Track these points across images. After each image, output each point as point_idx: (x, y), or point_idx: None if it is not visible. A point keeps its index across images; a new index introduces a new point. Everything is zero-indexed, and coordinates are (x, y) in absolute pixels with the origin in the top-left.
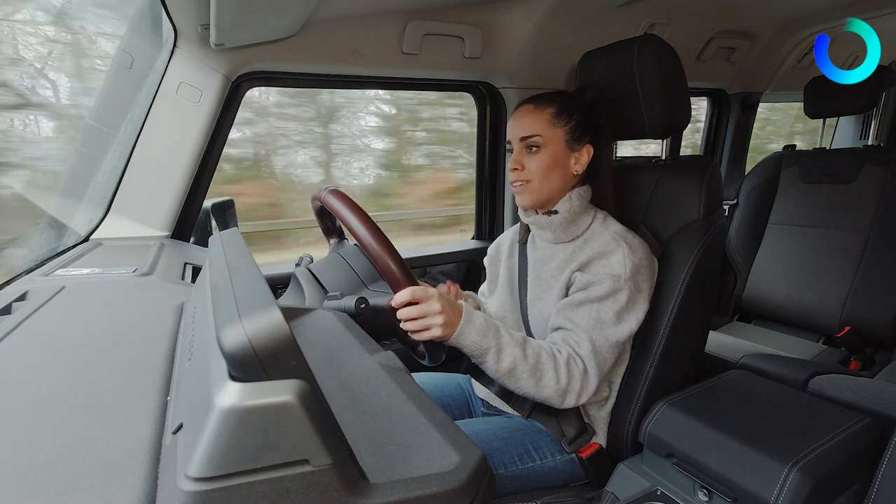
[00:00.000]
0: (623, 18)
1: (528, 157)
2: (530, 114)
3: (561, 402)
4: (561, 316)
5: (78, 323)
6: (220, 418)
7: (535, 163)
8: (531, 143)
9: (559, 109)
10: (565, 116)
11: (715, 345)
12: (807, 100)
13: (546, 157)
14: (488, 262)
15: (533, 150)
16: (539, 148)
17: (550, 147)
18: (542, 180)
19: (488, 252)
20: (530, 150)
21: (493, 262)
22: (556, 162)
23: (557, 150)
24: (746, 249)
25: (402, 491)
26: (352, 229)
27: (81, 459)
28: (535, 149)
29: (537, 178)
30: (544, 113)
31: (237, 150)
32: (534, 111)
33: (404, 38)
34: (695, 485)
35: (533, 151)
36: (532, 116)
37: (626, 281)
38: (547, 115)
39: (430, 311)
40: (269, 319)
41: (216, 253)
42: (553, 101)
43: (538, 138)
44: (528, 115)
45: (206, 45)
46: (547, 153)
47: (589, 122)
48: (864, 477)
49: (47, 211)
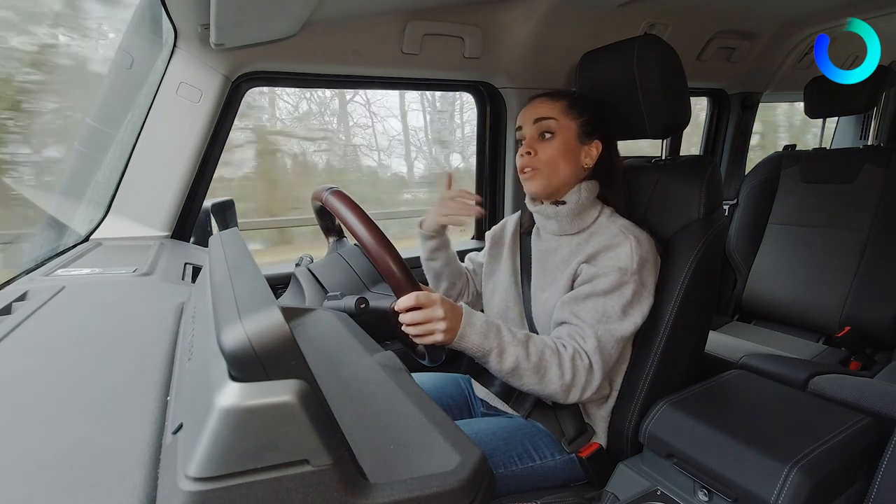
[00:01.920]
0: (623, 18)
1: (541, 143)
2: (545, 102)
3: (566, 397)
4: (566, 310)
5: (78, 323)
6: (220, 418)
7: (548, 150)
8: (545, 129)
9: (571, 103)
10: (578, 110)
11: (715, 345)
12: (807, 100)
13: (558, 146)
14: (491, 238)
15: (546, 136)
16: (553, 135)
17: (563, 135)
18: (553, 168)
19: (492, 230)
20: (543, 137)
21: (497, 239)
22: (568, 151)
23: (569, 140)
24: (746, 249)
25: (402, 491)
26: (354, 231)
27: (81, 459)
28: (548, 135)
29: (548, 166)
30: (559, 103)
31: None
32: (548, 100)
33: (404, 38)
34: (695, 485)
35: (546, 138)
36: (547, 104)
37: (633, 274)
38: (561, 105)
39: (433, 317)
40: (269, 319)
41: (216, 253)
42: (565, 95)
43: (553, 122)
44: (543, 104)
45: (206, 45)
46: (559, 141)
47: (598, 120)
48: (864, 477)
49: (47, 211)
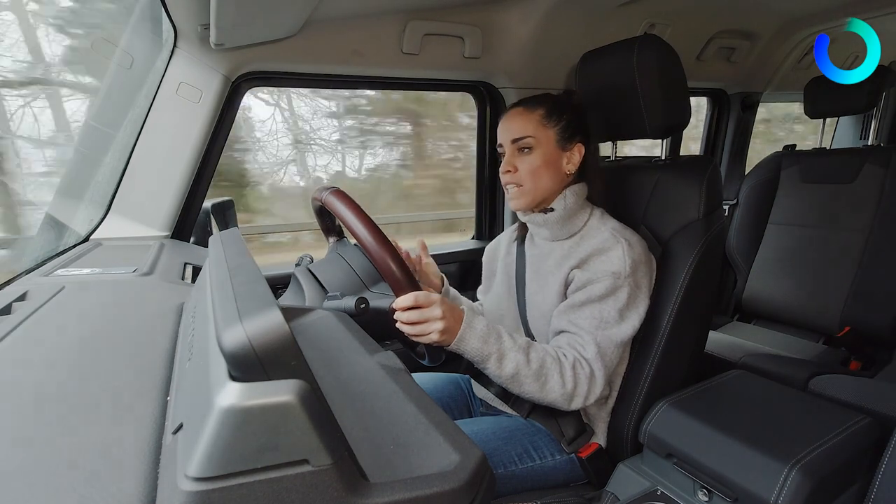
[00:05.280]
0: (623, 18)
1: (520, 158)
2: (520, 115)
3: (567, 405)
4: (563, 319)
5: (78, 323)
6: (220, 418)
7: (527, 164)
8: (523, 145)
9: (549, 110)
10: (555, 117)
11: (715, 345)
12: (807, 100)
13: (537, 159)
14: (486, 259)
15: (525, 151)
16: (531, 149)
17: (542, 148)
18: (535, 182)
19: (486, 250)
20: (522, 152)
21: (491, 260)
22: (548, 162)
23: (549, 151)
24: (746, 249)
25: (402, 491)
26: (353, 231)
27: (81, 459)
28: (526, 150)
29: (529, 180)
30: (534, 114)
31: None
32: (524, 112)
33: (404, 38)
34: (695, 485)
35: (525, 153)
36: (522, 118)
37: (626, 278)
38: (537, 116)
39: (430, 317)
40: (269, 319)
41: (216, 253)
42: (542, 102)
43: (529, 139)
44: (518, 117)
45: (206, 45)
46: (538, 154)
47: (578, 122)
48: (865, 477)
49: (47, 211)
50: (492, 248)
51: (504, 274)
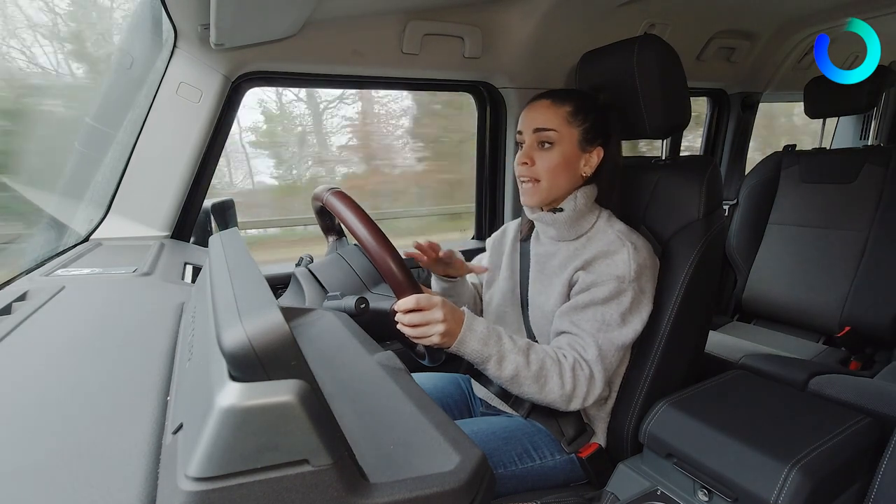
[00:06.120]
0: (623, 18)
1: (540, 153)
2: (548, 108)
3: (566, 406)
4: (565, 320)
5: (78, 323)
6: (220, 418)
7: (546, 161)
8: (545, 139)
9: (576, 108)
10: (581, 116)
11: (715, 345)
12: (807, 100)
13: (557, 156)
14: (491, 245)
15: (545, 146)
16: (552, 145)
17: (563, 146)
18: (551, 180)
19: (492, 236)
20: (542, 147)
21: (497, 247)
22: (567, 162)
23: (569, 150)
24: (746, 249)
25: (402, 491)
26: (354, 232)
27: (81, 459)
28: (547, 145)
29: (546, 177)
30: (561, 110)
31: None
32: (551, 106)
33: (404, 38)
34: (695, 485)
35: (545, 148)
36: (549, 111)
37: (631, 282)
38: (564, 112)
39: (432, 319)
40: (269, 319)
41: (216, 253)
42: (571, 99)
43: (553, 133)
44: (545, 110)
45: (206, 45)
46: (559, 152)
47: (602, 124)
48: (865, 477)
49: (47, 210)
50: (499, 235)
51: (508, 270)
